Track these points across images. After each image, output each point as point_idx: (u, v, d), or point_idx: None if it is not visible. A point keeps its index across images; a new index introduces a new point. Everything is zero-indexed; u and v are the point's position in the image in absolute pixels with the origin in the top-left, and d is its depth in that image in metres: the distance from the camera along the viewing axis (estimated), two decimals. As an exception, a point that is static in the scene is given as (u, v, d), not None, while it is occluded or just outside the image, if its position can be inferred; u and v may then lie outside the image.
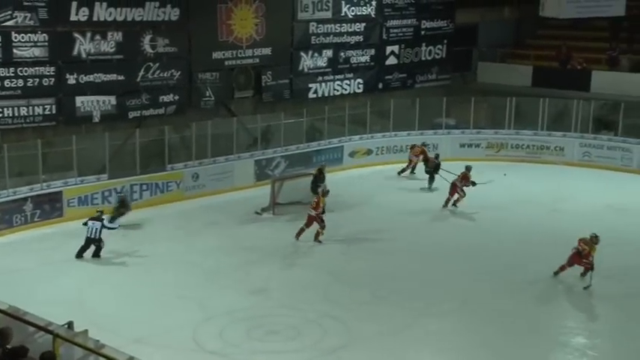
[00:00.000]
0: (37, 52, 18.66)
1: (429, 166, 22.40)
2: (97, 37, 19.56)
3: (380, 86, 26.29)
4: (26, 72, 18.57)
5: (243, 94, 23.05)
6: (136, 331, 12.74)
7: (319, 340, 12.93)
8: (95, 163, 19.62)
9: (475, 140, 25.27)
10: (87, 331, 8.35)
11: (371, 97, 25.53)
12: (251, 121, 22.71)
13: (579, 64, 26.91)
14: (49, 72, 18.93)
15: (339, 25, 24.72)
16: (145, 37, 20.45)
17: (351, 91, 25.45)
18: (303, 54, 24.09)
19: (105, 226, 16.38)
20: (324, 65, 24.64)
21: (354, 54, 25.35)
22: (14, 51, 18.32)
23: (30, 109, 18.81)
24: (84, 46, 19.38)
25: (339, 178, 21.29)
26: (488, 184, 20.07)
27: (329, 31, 24.54)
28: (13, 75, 18.38)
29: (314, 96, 24.53)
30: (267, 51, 23.08)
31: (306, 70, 24.24)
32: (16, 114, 18.63)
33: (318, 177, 20.36)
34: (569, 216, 19.51)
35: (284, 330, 13.25)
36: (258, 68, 23.06)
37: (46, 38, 18.71)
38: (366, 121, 24.91)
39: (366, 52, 25.65)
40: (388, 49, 26.27)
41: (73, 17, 19.05)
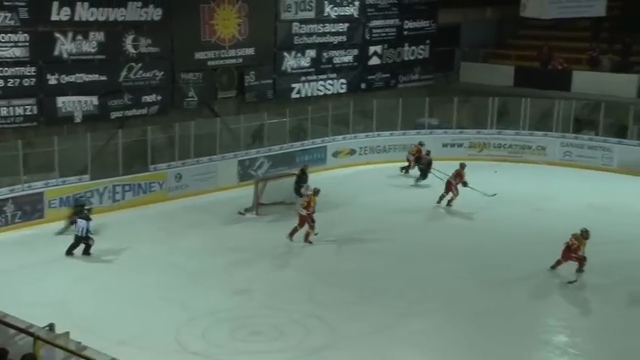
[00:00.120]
0: (18, 52, 18.49)
1: (421, 163, 22.81)
2: (79, 37, 19.43)
3: (363, 86, 26.34)
4: (7, 72, 18.39)
5: (227, 95, 23.00)
6: (118, 333, 12.68)
7: (303, 340, 12.93)
8: (77, 163, 19.48)
9: (458, 140, 25.38)
10: (68, 333, 8.32)
11: (354, 98, 25.58)
12: (234, 121, 22.68)
13: (560, 65, 27.11)
14: (29, 72, 18.77)
15: (322, 25, 24.74)
16: (128, 37, 20.35)
17: (334, 92, 25.47)
18: (286, 54, 24.08)
19: (88, 229, 16.36)
20: (307, 65, 24.65)
21: (337, 54, 25.37)
22: (-5, 51, 18.20)
23: (11, 109, 18.62)
24: (65, 46, 19.25)
25: (322, 178, 21.30)
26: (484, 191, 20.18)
27: (312, 31, 24.55)
28: (-7, 75, 18.26)
29: (297, 96, 24.53)
30: (250, 51, 23.05)
31: (289, 70, 24.23)
32: (-4, 114, 18.50)
33: (301, 177, 20.37)
34: (552, 215, 19.67)
35: (267, 330, 13.24)
36: (241, 68, 23.03)
37: (27, 38, 18.53)
38: (349, 121, 24.95)
39: (349, 53, 25.69)
40: (371, 50, 26.33)
41: (55, 17, 18.91)
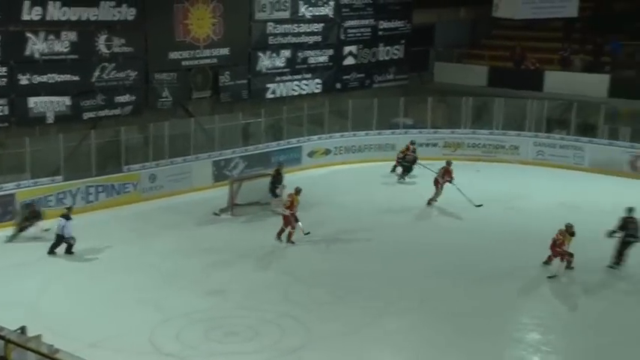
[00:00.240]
0: (-11, 52, 18.33)
1: (406, 160, 23.04)
2: (51, 36, 19.23)
3: (338, 86, 26.38)
4: (-23, 72, 18.23)
5: (201, 95, 22.91)
6: (91, 335, 12.58)
7: (278, 340, 12.92)
8: (49, 164, 19.30)
9: (432, 140, 25.49)
10: (40, 335, 8.25)
11: (329, 97, 25.61)
12: (209, 121, 22.59)
13: (533, 65, 27.38)
14: (0, 72, 18.53)
15: (297, 25, 24.74)
16: (100, 37, 20.18)
17: (310, 92, 25.48)
18: (261, 54, 24.04)
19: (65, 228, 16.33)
20: (282, 65, 24.63)
21: (312, 54, 25.38)
22: (-35, 51, 18.00)
23: (-19, 110, 18.46)
24: (37, 45, 19.04)
25: (297, 178, 21.26)
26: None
27: (287, 31, 24.53)
28: (-37, 75, 18.05)
29: (272, 96, 24.49)
30: (224, 51, 22.98)
31: (264, 70, 24.18)
32: (-33, 115, 18.30)
33: (276, 177, 20.34)
34: (526, 214, 19.87)
35: (243, 331, 13.20)
36: (216, 68, 22.95)
37: (-2, 38, 18.37)
38: (325, 121, 24.98)
39: (324, 53, 25.71)
40: (346, 50, 26.38)
41: (26, 17, 18.70)
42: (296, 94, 25.11)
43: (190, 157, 21.71)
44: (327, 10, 25.41)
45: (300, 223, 17.46)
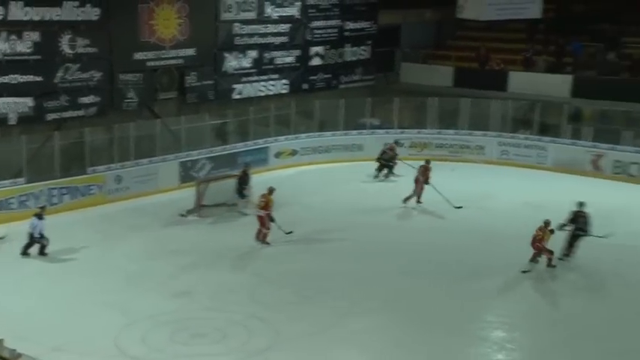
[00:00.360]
0: (-51, 53, 18.05)
1: (383, 158, 23.29)
2: (13, 37, 18.95)
3: (305, 87, 26.42)
4: (-62, 73, 17.94)
5: (167, 96, 22.78)
6: (54, 339, 12.45)
7: (246, 341, 12.90)
8: (11, 166, 19.03)
9: (399, 140, 25.61)
10: (2, 340, 8.16)
11: (296, 98, 25.63)
12: (175, 122, 22.46)
13: (497, 65, 27.69)
14: (-38, 73, 18.34)
15: (263, 25, 24.71)
16: (64, 38, 19.95)
17: (276, 92, 25.47)
18: (227, 55, 23.97)
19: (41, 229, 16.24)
20: (249, 66, 24.59)
21: (279, 55, 25.38)
22: None
23: (-58, 111, 18.17)
24: (-1, 46, 18.82)
25: (264, 179, 21.22)
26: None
27: (253, 31, 24.50)
28: None
29: (238, 97, 24.44)
30: (191, 51, 22.87)
31: (230, 70, 24.12)
32: None
33: (243, 178, 20.30)
34: (492, 213, 20.07)
35: (209, 333, 13.16)
36: (182, 69, 22.84)
37: (-42, 38, 18.11)
38: (292, 121, 24.98)
39: (290, 53, 25.72)
40: (313, 50, 26.43)
41: (-13, 16, 18.48)
42: (263, 94, 25.07)
43: (156, 159, 21.57)
44: (293, 10, 25.43)
45: (274, 223, 17.38)
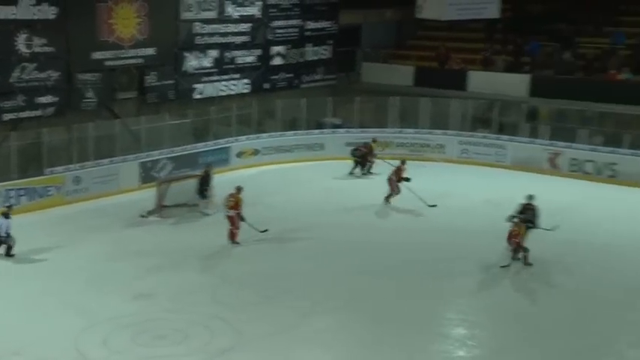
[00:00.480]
0: None
1: (356, 155, 23.54)
2: (-33, 36, 18.70)
3: (266, 86, 26.39)
4: None
5: (127, 95, 22.57)
6: (13, 342, 12.29)
7: (208, 342, 12.85)
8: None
9: (360, 139, 25.67)
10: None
11: (257, 98, 25.58)
12: (135, 122, 22.27)
13: (457, 65, 27.99)
14: None
15: (224, 25, 24.62)
16: (20, 37, 19.63)
17: (238, 92, 25.39)
18: (187, 54, 23.83)
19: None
20: (210, 65, 24.48)
21: (240, 54, 25.31)
22: None
23: None
24: (-48, 45, 18.48)
25: (226, 179, 21.15)
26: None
27: (214, 31, 24.40)
28: None
29: (199, 96, 24.32)
30: (150, 51, 22.69)
31: (191, 70, 23.99)
32: None
33: (205, 178, 20.20)
34: (453, 211, 20.24)
35: (171, 334, 13.07)
36: (142, 68, 22.65)
37: None
38: (253, 121, 24.92)
39: (251, 53, 25.67)
40: (274, 50, 26.41)
41: (-61, 15, 18.13)
42: (224, 94, 24.98)
43: (117, 159, 21.36)
44: (254, 10, 25.38)
45: (245, 223, 17.32)
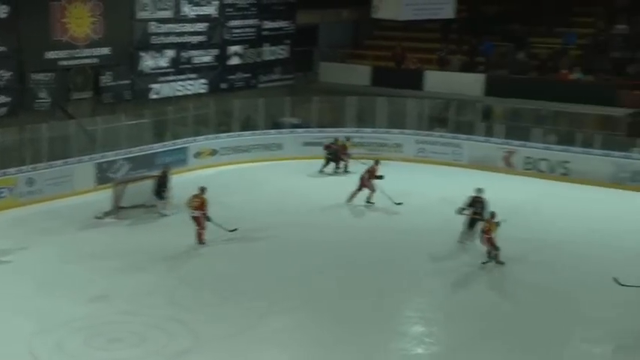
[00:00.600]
0: None
1: (329, 153, 23.73)
2: None
3: (224, 86, 26.28)
4: None
5: (81, 96, 22.27)
6: (-36, 349, 12.05)
7: (165, 344, 12.76)
8: None
9: (318, 139, 25.70)
10: None
11: (215, 98, 25.47)
12: (90, 123, 21.99)
13: (413, 64, 28.23)
14: None
15: (180, 24, 24.45)
16: (-30, 36, 19.33)
17: (195, 92, 25.25)
18: (143, 54, 23.61)
19: None
20: (166, 65, 24.30)
21: (197, 54, 25.16)
22: None
23: None
24: None
25: (184, 179, 21.04)
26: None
27: (170, 30, 24.22)
28: None
29: (156, 96, 24.12)
30: (105, 51, 22.45)
31: (147, 70, 23.78)
32: None
33: (162, 179, 20.04)
34: (411, 209, 20.40)
35: (127, 337, 12.96)
36: (97, 68, 22.38)
37: None
38: (211, 121, 24.81)
39: (208, 52, 25.55)
40: (231, 49, 26.31)
41: None
42: (181, 94, 24.81)
43: (71, 160, 21.05)
44: (210, 9, 25.25)
45: (212, 223, 17.25)
